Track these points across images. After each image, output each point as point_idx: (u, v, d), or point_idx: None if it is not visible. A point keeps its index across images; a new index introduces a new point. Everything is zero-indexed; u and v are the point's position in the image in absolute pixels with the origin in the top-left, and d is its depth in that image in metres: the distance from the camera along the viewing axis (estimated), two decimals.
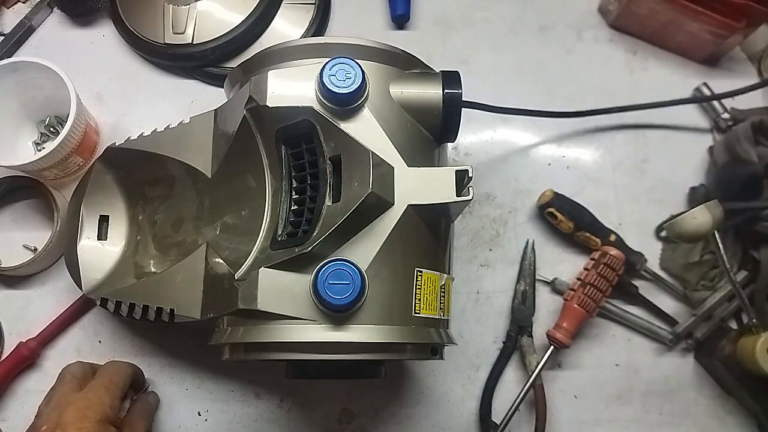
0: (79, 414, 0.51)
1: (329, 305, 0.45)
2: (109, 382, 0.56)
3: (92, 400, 0.53)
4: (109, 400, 0.54)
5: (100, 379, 0.56)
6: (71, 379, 0.57)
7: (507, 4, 0.80)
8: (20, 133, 0.72)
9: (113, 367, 0.60)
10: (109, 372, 0.58)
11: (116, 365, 0.61)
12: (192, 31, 0.73)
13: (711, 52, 0.76)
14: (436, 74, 0.54)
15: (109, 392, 0.55)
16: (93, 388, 0.55)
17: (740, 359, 0.63)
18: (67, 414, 0.51)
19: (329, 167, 0.48)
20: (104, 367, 0.60)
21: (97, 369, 0.60)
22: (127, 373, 0.59)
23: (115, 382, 0.57)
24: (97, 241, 0.62)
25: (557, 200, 0.69)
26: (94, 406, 0.52)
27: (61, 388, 0.56)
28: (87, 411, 0.52)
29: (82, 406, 0.52)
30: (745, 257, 0.69)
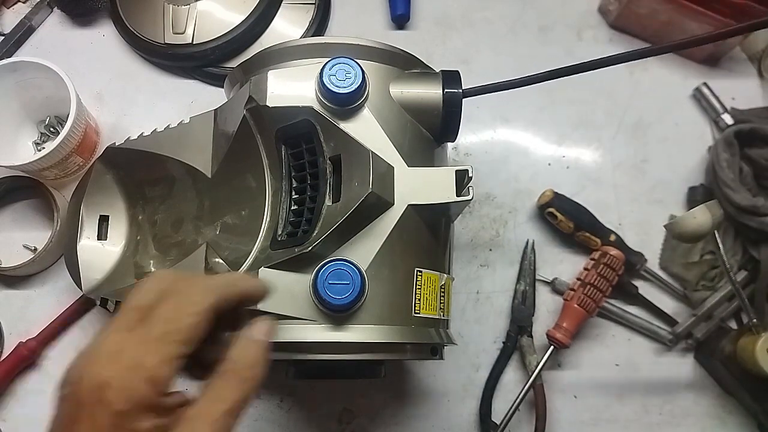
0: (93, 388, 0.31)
1: (329, 305, 0.45)
2: (160, 335, 0.32)
3: (125, 364, 0.31)
4: (153, 366, 0.31)
5: (150, 326, 0.33)
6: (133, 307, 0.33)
7: (507, 4, 0.80)
8: (20, 133, 0.72)
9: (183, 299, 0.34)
10: (171, 309, 0.33)
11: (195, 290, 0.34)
12: (192, 31, 0.73)
13: (711, 52, 0.76)
14: (436, 74, 0.54)
15: (159, 351, 0.32)
16: (140, 335, 0.32)
17: (740, 359, 0.63)
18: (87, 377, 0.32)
19: (329, 167, 0.48)
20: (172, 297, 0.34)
21: (182, 287, 0.35)
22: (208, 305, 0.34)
23: (179, 329, 0.32)
24: (97, 241, 0.62)
25: (557, 200, 0.69)
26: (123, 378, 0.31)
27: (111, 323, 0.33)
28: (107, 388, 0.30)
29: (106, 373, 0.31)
30: (745, 257, 0.69)
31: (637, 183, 0.73)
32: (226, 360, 0.34)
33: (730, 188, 0.67)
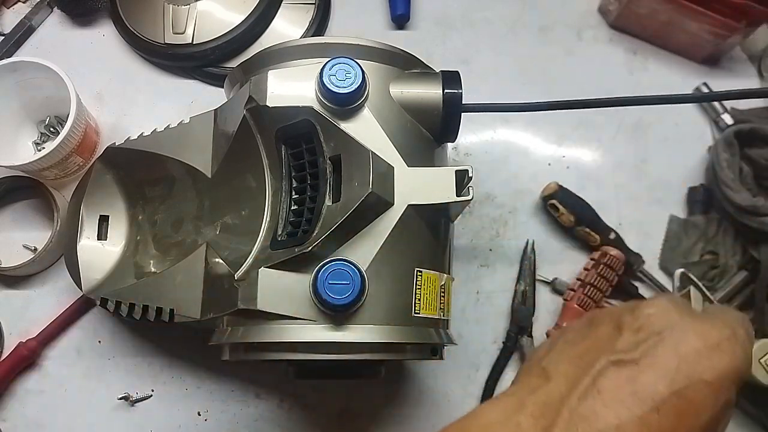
0: (707, 340, 0.32)
1: (329, 305, 0.45)
2: (740, 332, 0.34)
3: (727, 337, 0.33)
4: (748, 354, 0.34)
5: (728, 325, 0.34)
6: (685, 302, 0.37)
7: (507, 4, 0.79)
8: (20, 133, 0.72)
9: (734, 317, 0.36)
10: (732, 319, 0.36)
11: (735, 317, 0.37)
12: (192, 31, 0.73)
13: (711, 52, 0.76)
14: (436, 74, 0.54)
15: (746, 344, 0.34)
16: (721, 323, 0.34)
17: None
18: (682, 328, 0.33)
19: (329, 167, 0.48)
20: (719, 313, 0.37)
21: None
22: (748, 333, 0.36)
23: (745, 335, 0.35)
24: (97, 241, 0.62)
25: (561, 193, 0.69)
26: (737, 347, 0.33)
27: (674, 302, 0.35)
28: (726, 343, 0.33)
29: (713, 333, 0.33)
30: (745, 257, 0.69)
31: (637, 183, 0.73)
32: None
33: (730, 188, 0.67)
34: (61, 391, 0.66)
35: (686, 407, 0.30)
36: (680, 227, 0.71)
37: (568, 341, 0.35)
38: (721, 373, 0.31)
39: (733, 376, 0.32)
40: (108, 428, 0.66)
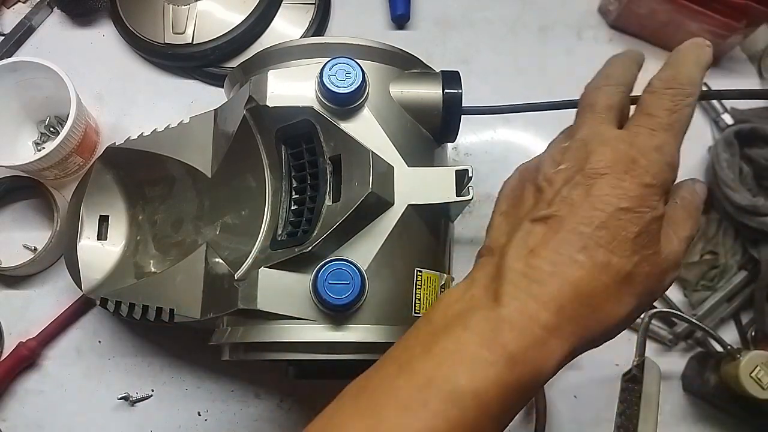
0: (615, 162, 0.34)
1: (329, 305, 0.45)
2: (669, 123, 0.35)
3: (641, 148, 0.34)
4: (668, 156, 0.34)
5: (653, 117, 0.36)
6: (606, 107, 0.38)
7: (507, 4, 0.79)
8: (20, 133, 0.72)
9: (668, 92, 0.37)
10: (663, 103, 0.36)
11: (670, 81, 0.38)
12: (192, 31, 0.73)
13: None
14: (436, 74, 0.54)
15: (669, 142, 0.35)
16: (642, 126, 0.35)
17: (727, 387, 0.62)
18: (597, 157, 0.34)
19: (329, 167, 0.48)
20: (652, 94, 0.38)
21: (629, 83, 0.40)
22: (691, 94, 0.37)
23: (678, 121, 0.35)
24: (97, 241, 0.62)
25: None
26: (644, 159, 0.33)
27: (591, 118, 0.38)
28: (630, 163, 0.33)
29: (622, 152, 0.34)
30: (744, 257, 0.69)
31: None
32: (680, 198, 0.38)
33: (730, 188, 0.67)
34: (61, 391, 0.66)
35: (613, 235, 0.32)
36: None
37: (502, 212, 0.38)
38: (636, 194, 0.33)
39: (649, 192, 0.33)
40: (108, 428, 0.66)
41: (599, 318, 0.32)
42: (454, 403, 0.29)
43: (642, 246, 0.33)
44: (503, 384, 0.30)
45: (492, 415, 0.30)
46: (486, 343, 0.30)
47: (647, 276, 0.33)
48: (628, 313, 0.33)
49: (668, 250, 0.35)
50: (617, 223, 0.32)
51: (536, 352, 0.30)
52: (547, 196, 0.35)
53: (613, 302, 0.32)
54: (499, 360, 0.29)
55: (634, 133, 0.35)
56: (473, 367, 0.29)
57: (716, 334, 0.63)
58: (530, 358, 0.30)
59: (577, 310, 0.31)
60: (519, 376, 0.30)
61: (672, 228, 0.36)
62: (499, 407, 0.30)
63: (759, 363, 0.59)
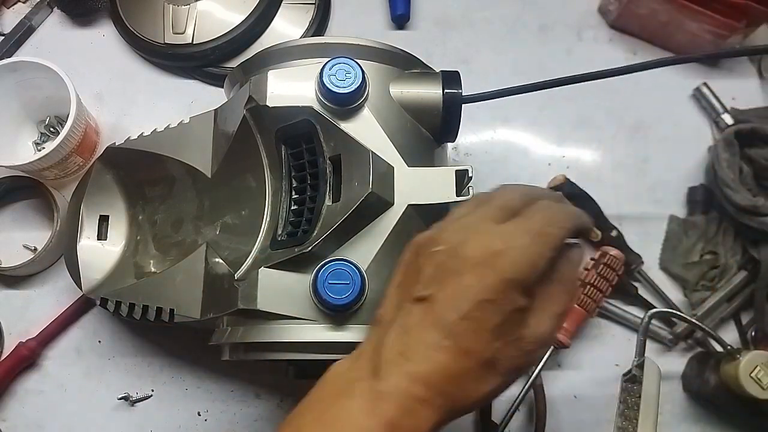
0: (485, 256, 0.35)
1: (329, 305, 0.45)
2: (542, 231, 0.37)
3: (511, 245, 0.36)
4: (534, 256, 0.36)
5: (531, 222, 0.38)
6: (501, 205, 0.39)
7: (507, 4, 0.79)
8: (20, 133, 0.72)
9: (554, 212, 0.39)
10: (546, 216, 0.38)
11: (561, 209, 0.40)
12: (192, 31, 0.73)
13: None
14: (436, 74, 0.54)
15: (537, 245, 0.36)
16: (518, 228, 0.37)
17: (727, 387, 0.62)
18: (471, 247, 0.36)
19: (329, 167, 0.48)
20: (541, 207, 0.39)
21: (533, 202, 0.40)
22: (570, 226, 0.39)
23: (551, 234, 0.37)
24: (97, 241, 0.62)
25: (567, 186, 0.69)
26: (510, 257, 0.35)
27: (482, 210, 0.39)
28: (497, 258, 0.35)
29: (492, 247, 0.36)
30: (744, 257, 0.69)
31: (637, 183, 0.73)
32: (558, 273, 0.38)
33: (730, 188, 0.67)
34: (61, 391, 0.66)
35: (475, 325, 0.34)
36: (680, 227, 0.71)
37: (396, 284, 0.38)
38: (498, 288, 0.35)
39: (510, 287, 0.35)
40: (108, 428, 0.66)
41: (466, 394, 0.35)
42: None
43: (503, 333, 0.35)
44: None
45: None
46: (368, 413, 0.33)
47: (512, 358, 0.36)
48: (493, 390, 0.36)
49: (537, 331, 0.36)
50: (479, 314, 0.34)
51: (411, 420, 0.33)
52: (425, 276, 0.37)
53: (478, 382, 0.35)
54: (379, 428, 0.33)
55: (509, 231, 0.37)
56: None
57: (716, 334, 0.63)
58: (406, 426, 0.33)
59: (445, 387, 0.34)
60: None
61: (546, 304, 0.37)
62: None
63: (759, 363, 0.59)
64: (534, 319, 0.37)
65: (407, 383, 0.34)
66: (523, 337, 0.36)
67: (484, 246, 0.36)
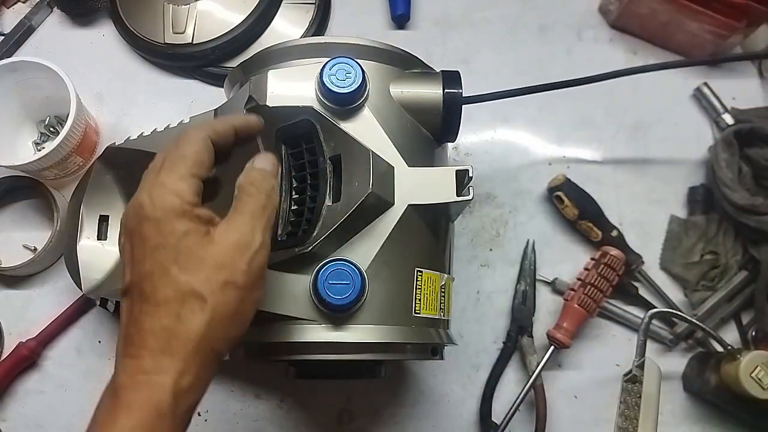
0: (136, 215, 0.39)
1: (329, 305, 0.45)
2: (175, 161, 0.40)
3: (152, 190, 0.39)
4: (172, 182, 0.39)
5: (169, 161, 0.41)
6: (153, 167, 0.42)
7: (507, 4, 0.79)
8: (20, 133, 0.72)
9: (186, 139, 0.42)
10: (181, 146, 0.41)
11: (194, 130, 0.43)
12: (192, 31, 0.73)
13: (711, 52, 0.76)
14: (437, 74, 0.54)
15: (174, 173, 0.40)
16: (160, 174, 0.40)
17: (727, 387, 0.62)
18: (131, 215, 0.40)
19: (329, 167, 0.48)
20: (180, 140, 0.42)
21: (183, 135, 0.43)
22: (202, 137, 0.42)
23: (184, 157, 0.41)
24: (97, 241, 0.62)
25: (567, 185, 0.69)
26: (153, 197, 0.39)
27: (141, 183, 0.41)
28: (143, 208, 0.39)
29: (141, 200, 0.39)
30: (744, 257, 0.69)
31: (637, 183, 0.73)
32: (237, 187, 0.42)
33: (729, 188, 0.67)
34: (61, 391, 0.66)
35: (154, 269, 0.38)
36: (681, 227, 0.71)
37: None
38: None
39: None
40: None
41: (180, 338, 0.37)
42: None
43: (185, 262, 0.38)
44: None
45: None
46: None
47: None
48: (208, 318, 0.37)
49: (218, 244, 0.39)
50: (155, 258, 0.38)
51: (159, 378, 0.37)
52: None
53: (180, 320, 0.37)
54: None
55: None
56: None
57: (716, 334, 0.63)
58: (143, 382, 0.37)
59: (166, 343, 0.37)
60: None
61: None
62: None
63: (759, 363, 0.59)
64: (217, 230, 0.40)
65: (190, 349, 0.36)
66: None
67: (135, 207, 0.40)
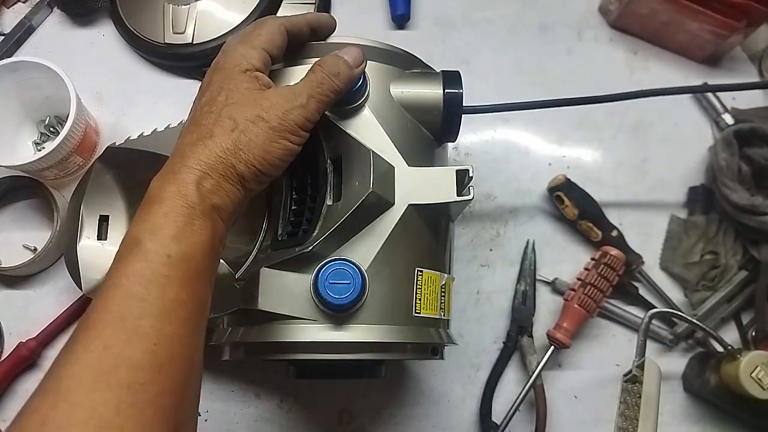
0: (231, 62, 0.45)
1: (330, 305, 0.45)
2: (255, 38, 0.46)
3: (239, 50, 0.46)
4: (255, 47, 0.46)
5: (249, 38, 0.47)
6: (238, 36, 0.48)
7: (507, 4, 0.79)
8: (20, 133, 0.72)
9: (265, 25, 0.48)
10: (259, 30, 0.47)
11: (272, 20, 0.49)
12: (192, 31, 0.73)
13: (711, 52, 0.76)
14: (437, 74, 0.54)
15: (255, 42, 0.46)
16: (244, 42, 0.47)
17: (727, 387, 0.62)
18: (227, 60, 0.46)
19: (330, 167, 0.48)
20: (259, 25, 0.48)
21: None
22: (278, 25, 0.48)
23: (259, 35, 0.47)
24: (97, 241, 0.62)
25: (568, 185, 0.69)
26: (241, 54, 0.45)
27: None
28: (239, 60, 0.45)
29: (233, 53, 0.46)
30: (745, 257, 0.69)
31: (637, 183, 0.73)
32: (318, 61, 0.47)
33: (728, 188, 0.67)
34: None
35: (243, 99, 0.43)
36: (681, 227, 0.71)
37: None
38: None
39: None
40: None
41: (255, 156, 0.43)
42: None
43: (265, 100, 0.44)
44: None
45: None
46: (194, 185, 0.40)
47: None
48: (288, 149, 0.43)
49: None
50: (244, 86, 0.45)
51: (227, 185, 0.42)
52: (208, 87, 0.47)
53: (271, 143, 0.43)
54: (203, 204, 0.40)
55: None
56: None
57: (716, 335, 0.63)
58: (224, 189, 0.41)
59: (237, 156, 0.42)
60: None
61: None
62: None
63: (759, 363, 0.59)
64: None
65: (213, 158, 0.41)
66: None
67: (229, 56, 0.46)
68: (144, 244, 0.38)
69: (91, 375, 0.33)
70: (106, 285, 0.37)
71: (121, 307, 0.36)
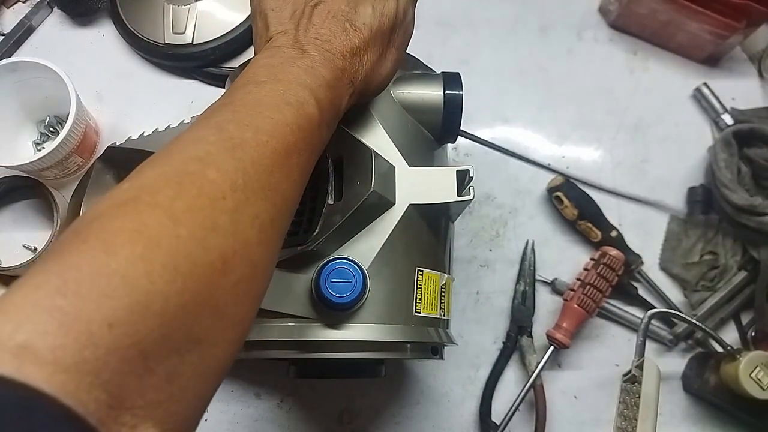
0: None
1: (331, 304, 0.45)
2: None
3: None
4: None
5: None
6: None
7: (507, 4, 0.80)
8: (20, 133, 0.72)
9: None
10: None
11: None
12: (192, 31, 0.73)
13: (711, 52, 0.76)
14: (438, 75, 0.54)
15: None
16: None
17: (727, 387, 0.62)
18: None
19: (331, 166, 0.48)
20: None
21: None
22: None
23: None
24: None
25: (567, 186, 0.69)
26: None
27: None
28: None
29: None
30: (744, 257, 0.69)
31: (637, 183, 0.73)
32: None
33: (728, 188, 0.67)
34: None
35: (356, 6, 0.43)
36: (680, 227, 0.71)
37: (273, 8, 0.44)
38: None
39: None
40: None
41: (370, 69, 0.43)
42: (308, 102, 0.38)
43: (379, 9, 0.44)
44: (329, 100, 0.40)
45: (324, 120, 0.39)
46: (309, 75, 0.39)
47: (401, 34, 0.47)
48: (392, 66, 0.45)
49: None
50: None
51: (337, 83, 0.41)
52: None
53: (380, 58, 0.44)
54: (320, 86, 0.39)
55: None
56: (310, 87, 0.39)
57: (716, 335, 0.63)
58: (337, 88, 0.41)
59: (355, 61, 0.42)
60: (332, 97, 0.40)
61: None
62: (328, 113, 0.40)
63: (759, 363, 0.59)
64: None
65: (330, 56, 0.41)
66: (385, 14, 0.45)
67: None
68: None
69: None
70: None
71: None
